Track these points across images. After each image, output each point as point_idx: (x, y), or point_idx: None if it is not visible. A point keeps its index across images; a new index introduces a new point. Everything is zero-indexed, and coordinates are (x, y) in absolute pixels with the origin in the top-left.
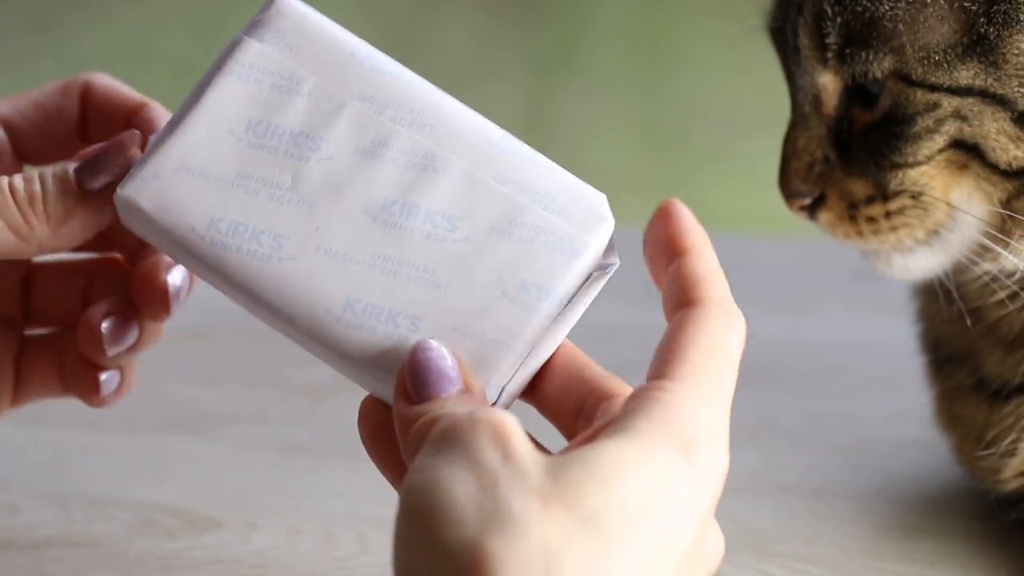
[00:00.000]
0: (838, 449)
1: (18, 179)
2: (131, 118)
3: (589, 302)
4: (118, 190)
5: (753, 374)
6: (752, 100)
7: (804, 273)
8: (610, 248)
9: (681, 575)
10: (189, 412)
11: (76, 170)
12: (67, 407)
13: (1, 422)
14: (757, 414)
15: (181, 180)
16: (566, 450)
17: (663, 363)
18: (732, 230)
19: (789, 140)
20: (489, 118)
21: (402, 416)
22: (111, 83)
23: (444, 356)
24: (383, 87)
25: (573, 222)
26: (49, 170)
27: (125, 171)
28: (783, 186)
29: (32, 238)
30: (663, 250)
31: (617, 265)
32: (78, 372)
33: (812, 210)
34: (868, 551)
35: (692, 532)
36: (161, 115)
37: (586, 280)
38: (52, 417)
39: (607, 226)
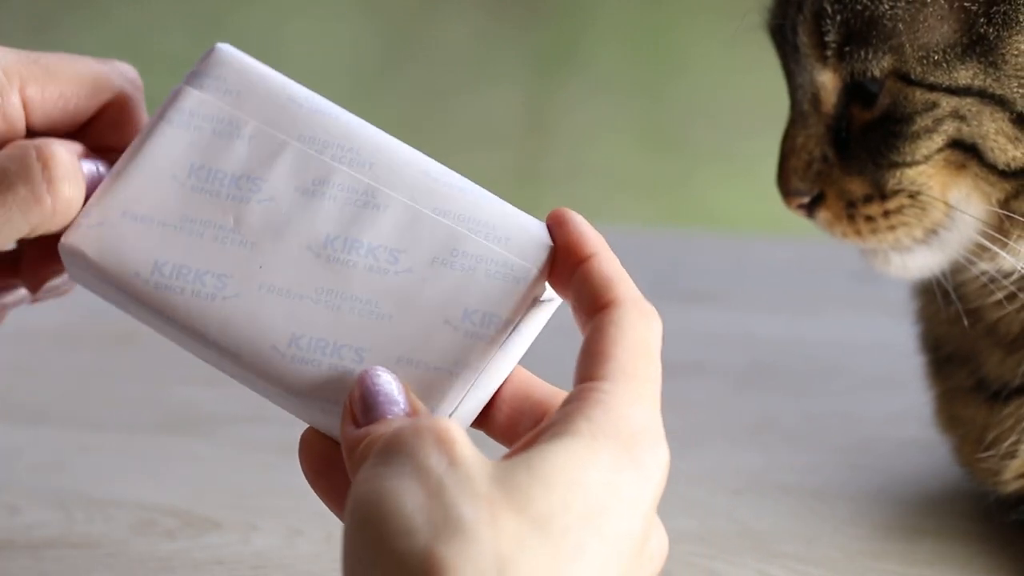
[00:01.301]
0: (838, 449)
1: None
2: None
3: (536, 332)
4: (63, 239)
5: (753, 374)
6: (752, 100)
7: (804, 273)
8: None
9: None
10: (189, 413)
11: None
12: (67, 408)
13: (1, 423)
14: (757, 414)
15: (125, 226)
16: (508, 456)
17: (591, 365)
18: (732, 230)
19: (788, 138)
20: (489, 118)
21: (349, 438)
22: (136, 104)
23: (390, 381)
24: (323, 127)
25: (514, 249)
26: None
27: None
28: (781, 184)
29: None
30: (563, 258)
31: (559, 302)
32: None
33: (810, 209)
34: (868, 552)
35: (639, 531)
36: None
37: (530, 308)
38: (52, 417)
39: (547, 252)
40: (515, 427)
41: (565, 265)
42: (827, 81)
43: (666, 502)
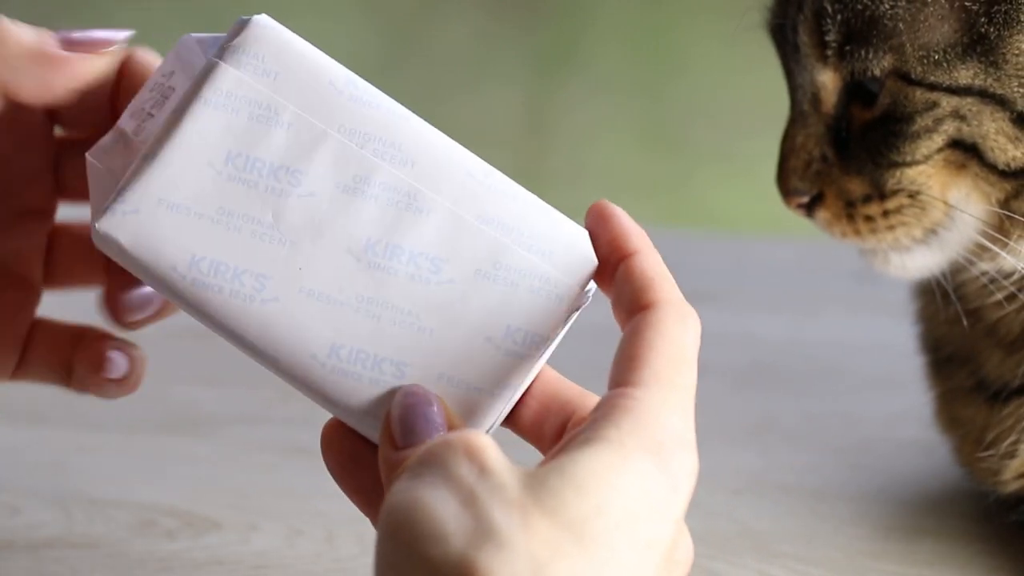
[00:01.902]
0: (838, 450)
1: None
2: None
3: (563, 334)
4: (96, 223)
5: (753, 374)
6: (752, 101)
7: (804, 274)
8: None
9: None
10: (189, 413)
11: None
12: (67, 408)
13: (1, 423)
14: (757, 414)
15: (160, 215)
16: (541, 464)
17: (625, 370)
18: (732, 231)
19: (788, 138)
20: (489, 118)
21: (388, 461)
22: (152, 60)
23: (430, 402)
24: (364, 118)
25: (557, 264)
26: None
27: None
28: (781, 184)
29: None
30: (605, 254)
31: (589, 300)
32: (89, 345)
33: (810, 208)
34: (868, 552)
35: (669, 538)
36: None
37: (570, 319)
38: (52, 418)
39: (591, 268)
40: (541, 425)
41: (607, 262)
42: (827, 81)
43: None
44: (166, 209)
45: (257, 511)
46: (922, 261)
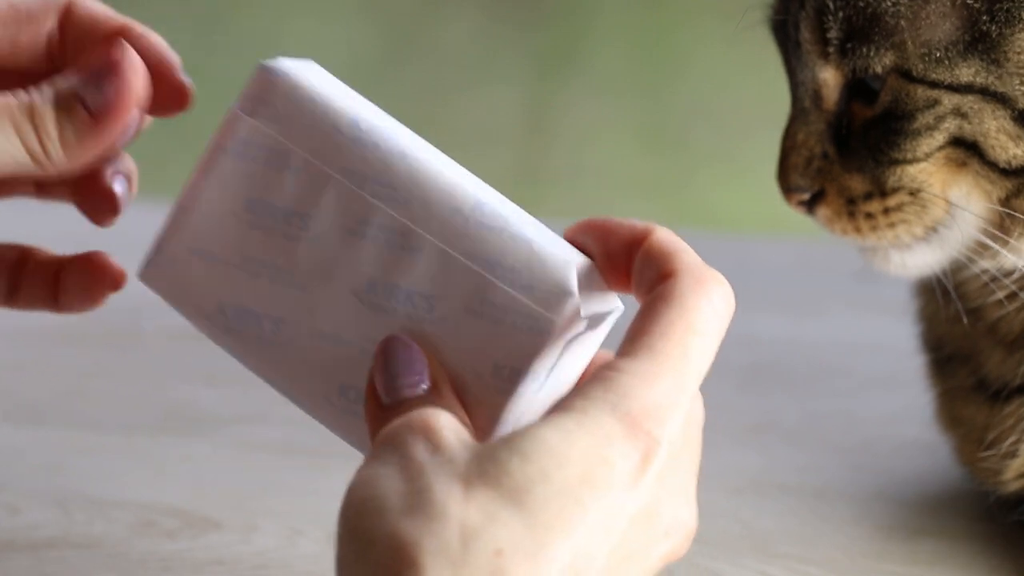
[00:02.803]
0: (839, 450)
1: (37, 98)
2: (112, 41)
3: (599, 343)
4: (140, 273)
5: (754, 374)
6: (753, 101)
7: (805, 274)
8: (608, 297)
9: (626, 552)
10: (189, 413)
11: (81, 95)
12: (67, 408)
13: (1, 423)
14: (758, 414)
15: (192, 264)
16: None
17: (624, 344)
18: (733, 231)
19: (788, 135)
20: (490, 119)
21: (374, 418)
22: (94, 4)
23: (409, 345)
24: (362, 159)
25: (539, 299)
26: (52, 91)
27: (126, 96)
28: (781, 180)
29: (49, 165)
30: (622, 250)
31: (621, 310)
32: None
33: (810, 205)
34: (869, 552)
35: (637, 505)
36: (144, 34)
37: (569, 342)
38: (52, 418)
39: (574, 301)
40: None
41: (620, 260)
42: (829, 77)
43: None
44: (197, 258)
45: (257, 511)
46: (922, 259)
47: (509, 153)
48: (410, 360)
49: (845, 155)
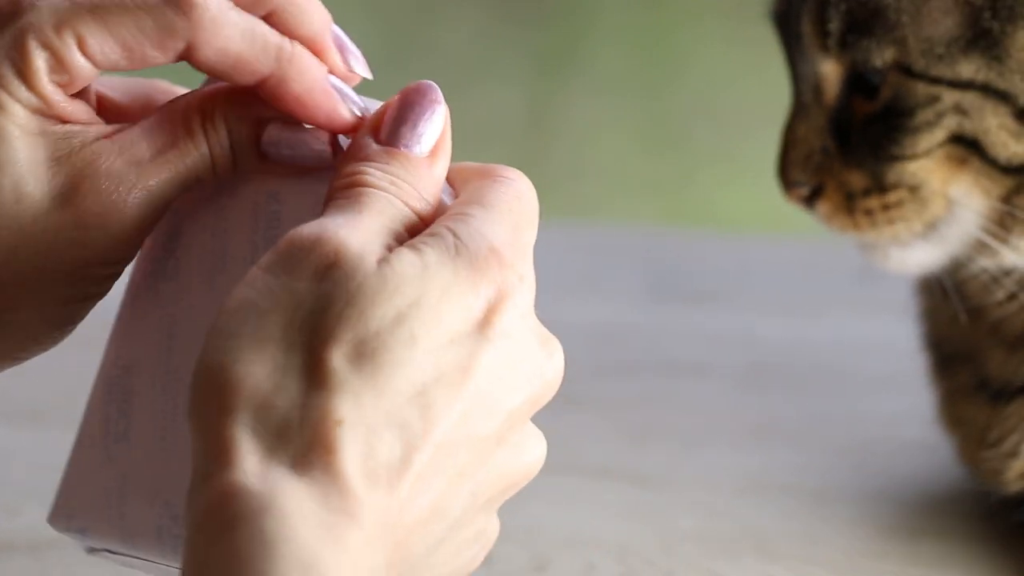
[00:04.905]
0: (840, 450)
1: None
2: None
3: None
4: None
5: (755, 374)
6: (754, 101)
7: (806, 274)
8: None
9: (466, 357)
10: None
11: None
12: (67, 408)
13: (1, 423)
14: (759, 414)
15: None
16: None
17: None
18: (734, 231)
19: (789, 129)
20: (491, 118)
21: (355, 146)
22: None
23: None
24: None
25: None
26: None
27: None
28: (781, 175)
29: None
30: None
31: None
32: None
33: (810, 201)
34: (870, 552)
35: (466, 311)
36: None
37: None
38: (52, 418)
39: None
40: None
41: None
42: (829, 71)
43: (667, 502)
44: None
45: None
46: (922, 256)
47: (509, 152)
48: (433, 113)
49: (845, 150)
